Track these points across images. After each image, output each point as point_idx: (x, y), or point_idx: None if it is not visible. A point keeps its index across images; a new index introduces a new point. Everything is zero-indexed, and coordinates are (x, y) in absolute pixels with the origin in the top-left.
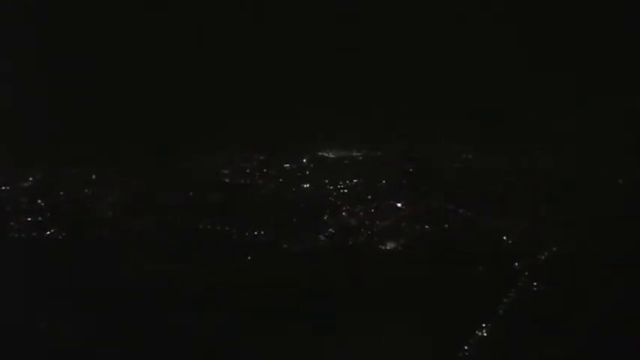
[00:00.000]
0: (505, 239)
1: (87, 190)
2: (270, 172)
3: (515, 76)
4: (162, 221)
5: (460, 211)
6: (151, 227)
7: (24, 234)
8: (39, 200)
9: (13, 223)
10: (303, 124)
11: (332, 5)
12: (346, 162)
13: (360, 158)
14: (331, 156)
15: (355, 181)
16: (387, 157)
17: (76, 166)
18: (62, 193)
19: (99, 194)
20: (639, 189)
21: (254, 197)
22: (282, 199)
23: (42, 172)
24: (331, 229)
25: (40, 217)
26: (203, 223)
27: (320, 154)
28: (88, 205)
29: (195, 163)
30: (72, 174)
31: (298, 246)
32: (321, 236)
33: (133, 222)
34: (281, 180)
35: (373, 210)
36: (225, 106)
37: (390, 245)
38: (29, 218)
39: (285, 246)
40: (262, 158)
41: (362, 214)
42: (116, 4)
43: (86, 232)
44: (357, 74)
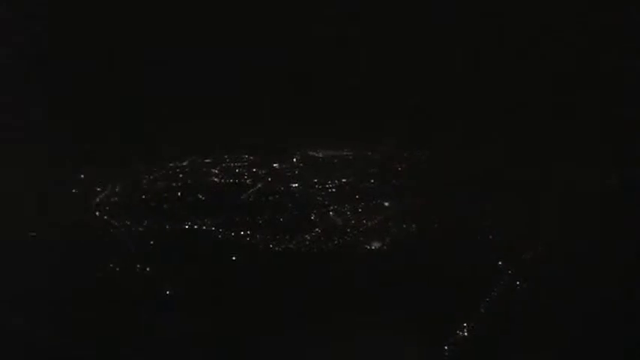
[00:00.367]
0: (490, 238)
1: (74, 190)
2: (260, 172)
3: (505, 77)
4: (148, 221)
5: (447, 211)
6: (136, 227)
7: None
8: (25, 200)
9: None
10: (294, 123)
11: (321, 6)
12: (336, 161)
13: (350, 157)
14: (321, 155)
15: (344, 180)
16: (376, 157)
17: (62, 166)
18: (49, 193)
19: (85, 194)
20: (627, 189)
21: (241, 197)
22: (269, 198)
23: (28, 172)
24: (317, 229)
25: (24, 218)
26: (189, 223)
27: (310, 153)
28: (74, 205)
29: (184, 163)
30: (59, 174)
31: (283, 246)
32: (307, 236)
33: (118, 222)
34: (270, 179)
35: (360, 210)
36: (216, 105)
37: (375, 245)
38: (13, 218)
39: (271, 246)
40: (252, 158)
41: (349, 213)
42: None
43: (71, 233)
44: (348, 74)
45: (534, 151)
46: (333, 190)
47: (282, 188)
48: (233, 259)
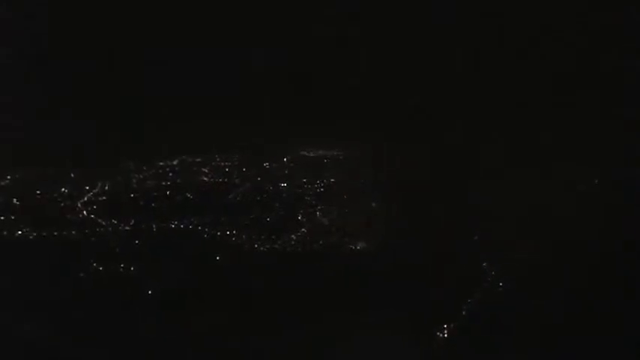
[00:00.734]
0: (476, 239)
1: (64, 189)
2: (249, 172)
3: (505, 77)
4: (136, 221)
5: (433, 212)
6: (124, 227)
7: None
8: (14, 199)
9: None
10: (292, 123)
11: (321, 6)
12: (327, 161)
13: (341, 157)
14: (312, 155)
15: (332, 180)
16: (369, 157)
17: (55, 165)
18: (39, 192)
19: (76, 194)
20: (627, 189)
21: (229, 196)
22: (257, 198)
23: (20, 171)
24: (304, 229)
25: (12, 217)
26: (176, 222)
27: (302, 153)
28: (64, 204)
29: (175, 162)
30: (51, 173)
31: (268, 245)
32: (293, 236)
33: (106, 222)
34: (259, 179)
35: (347, 210)
36: (211, 104)
37: (360, 245)
38: (2, 217)
39: (256, 245)
40: (242, 157)
41: (336, 213)
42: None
43: (58, 232)
44: (348, 74)
45: (534, 151)
46: (322, 190)
47: (271, 188)
48: (217, 258)
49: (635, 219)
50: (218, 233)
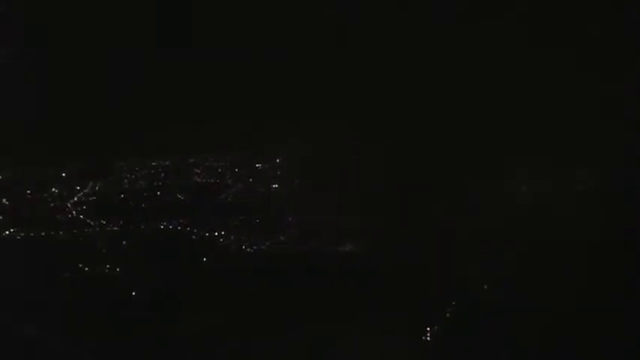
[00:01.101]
0: (461, 240)
1: (54, 189)
2: (242, 172)
3: (505, 77)
4: (125, 221)
5: (428, 212)
6: (112, 227)
7: None
8: (3, 199)
9: None
10: (281, 122)
11: (321, 6)
12: (321, 162)
13: (334, 158)
14: (306, 156)
15: (325, 181)
16: (363, 157)
17: (45, 165)
18: (29, 191)
19: (66, 194)
20: (627, 189)
21: (221, 197)
22: (248, 199)
23: (10, 171)
24: (293, 230)
25: (0, 217)
26: (164, 223)
27: (296, 153)
28: (53, 204)
29: (167, 163)
30: (41, 172)
31: (256, 247)
32: (282, 237)
33: (95, 222)
34: (251, 180)
35: (337, 211)
36: (201, 104)
37: (348, 247)
38: None
39: (243, 247)
40: (235, 157)
41: (327, 214)
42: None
43: (46, 232)
44: (348, 74)
45: (534, 151)
46: (313, 191)
47: (263, 189)
48: (204, 259)
49: (636, 219)
50: (206, 234)
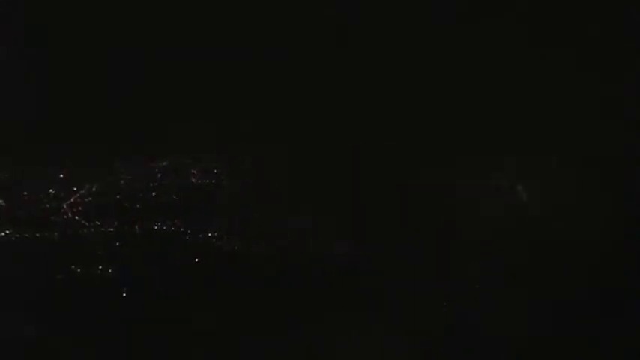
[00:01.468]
0: (461, 240)
1: (51, 190)
2: (239, 173)
3: (505, 77)
4: (119, 222)
5: (419, 212)
6: (106, 229)
7: None
8: (1, 200)
9: None
10: (290, 122)
11: (321, 6)
12: (319, 162)
13: (337, 158)
14: (307, 156)
15: (324, 181)
16: (364, 158)
17: (44, 165)
18: (26, 192)
19: (63, 195)
20: (627, 189)
21: (216, 198)
22: (243, 200)
23: (8, 171)
24: (287, 232)
25: None
26: (159, 224)
27: (295, 153)
28: (50, 205)
29: (164, 164)
30: (39, 173)
31: (251, 249)
32: (277, 240)
33: (89, 223)
34: (249, 180)
35: (332, 213)
36: (197, 104)
37: (340, 249)
38: None
39: (236, 248)
40: (232, 158)
41: (323, 216)
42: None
43: (41, 233)
44: (348, 74)
45: (533, 151)
46: (310, 192)
47: (262, 189)
48: (196, 260)
49: (636, 219)
50: (200, 235)
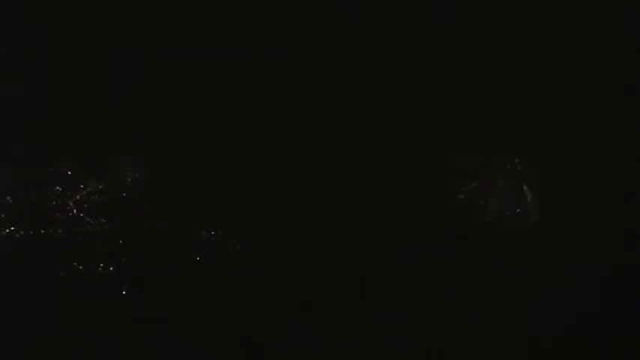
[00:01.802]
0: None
1: (58, 187)
2: (238, 172)
3: (505, 77)
4: (123, 220)
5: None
6: (111, 226)
7: None
8: (7, 197)
9: None
10: (289, 123)
11: (321, 6)
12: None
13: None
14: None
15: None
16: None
17: (53, 164)
18: (34, 191)
19: (69, 193)
20: (627, 190)
21: (218, 198)
22: (244, 200)
23: (10, 170)
24: (287, 232)
25: (3, 215)
26: (162, 222)
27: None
28: (55, 203)
29: (164, 163)
30: (41, 172)
31: (251, 249)
32: (278, 237)
33: (94, 221)
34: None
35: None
36: (197, 104)
37: (341, 249)
38: None
39: (236, 247)
40: (232, 157)
41: (320, 215)
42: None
43: (45, 231)
44: (348, 74)
45: (533, 151)
46: (310, 192)
47: (260, 189)
48: (197, 259)
49: (636, 220)
50: (203, 234)
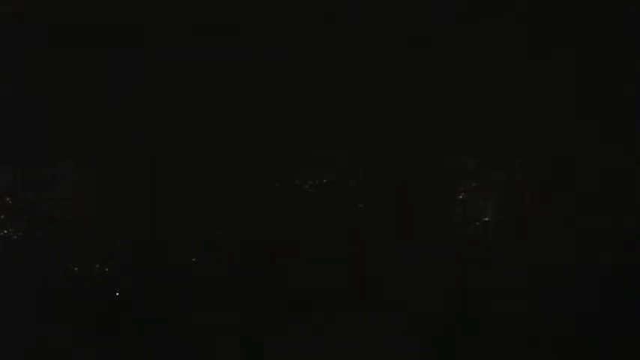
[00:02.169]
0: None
1: (60, 189)
2: (245, 171)
3: (505, 77)
4: (124, 221)
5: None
6: (108, 228)
7: None
8: (7, 198)
9: None
10: (289, 122)
11: (321, 6)
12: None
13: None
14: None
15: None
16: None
17: (53, 164)
18: (28, 191)
19: (70, 194)
20: (597, 194)
21: (218, 197)
22: (244, 200)
23: (10, 171)
24: (287, 232)
25: (3, 215)
26: (164, 224)
27: (306, 153)
28: (55, 205)
29: (164, 163)
30: (41, 172)
31: (251, 248)
32: (277, 237)
33: (94, 223)
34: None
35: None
36: (197, 104)
37: (341, 249)
38: None
39: (236, 247)
40: (231, 157)
41: (319, 215)
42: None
43: (42, 233)
44: (348, 74)
45: (532, 151)
46: (311, 192)
47: (259, 189)
48: (193, 260)
49: (635, 219)
50: (201, 234)
